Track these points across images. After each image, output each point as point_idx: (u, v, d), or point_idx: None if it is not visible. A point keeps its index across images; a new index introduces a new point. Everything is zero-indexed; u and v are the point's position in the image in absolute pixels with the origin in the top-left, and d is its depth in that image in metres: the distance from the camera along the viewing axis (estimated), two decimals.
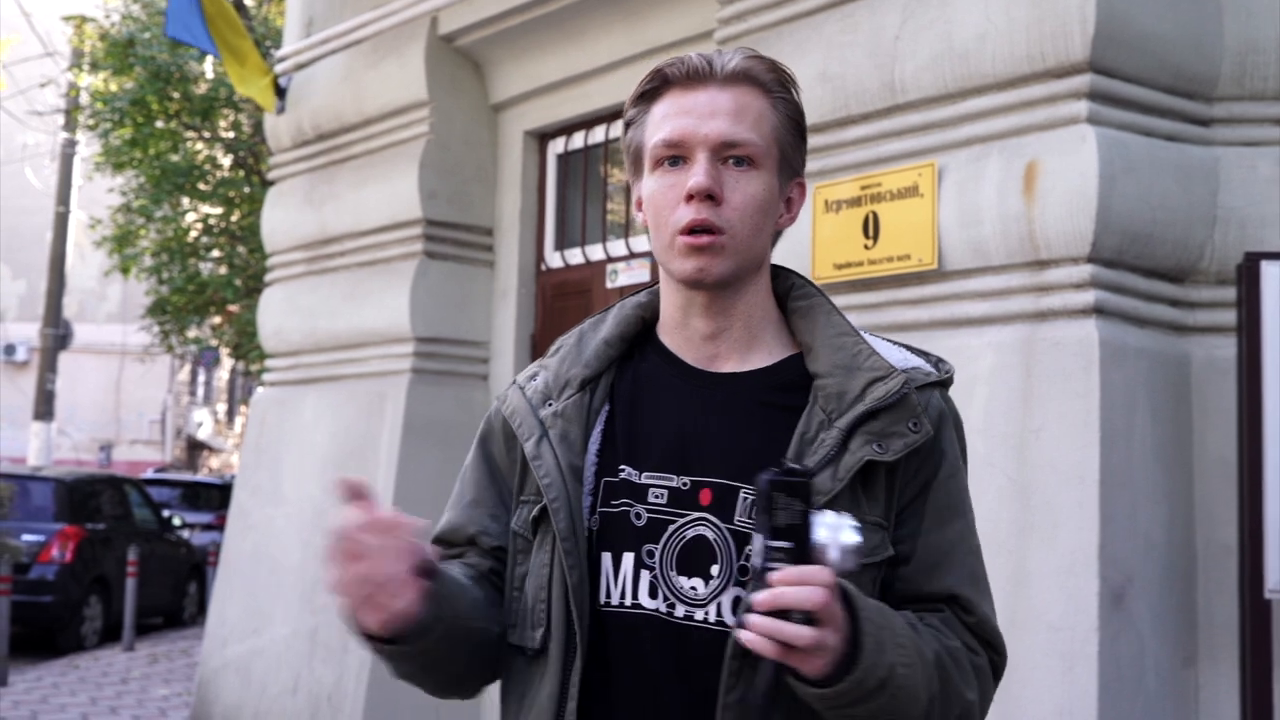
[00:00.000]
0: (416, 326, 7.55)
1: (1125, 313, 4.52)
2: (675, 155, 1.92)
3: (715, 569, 1.86)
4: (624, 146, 2.03)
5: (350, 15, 8.31)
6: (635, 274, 7.09)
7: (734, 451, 1.90)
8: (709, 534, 1.88)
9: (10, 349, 35.09)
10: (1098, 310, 4.45)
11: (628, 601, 1.89)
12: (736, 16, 5.82)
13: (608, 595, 1.90)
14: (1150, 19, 4.61)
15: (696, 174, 1.88)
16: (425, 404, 7.54)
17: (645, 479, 1.92)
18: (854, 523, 1.72)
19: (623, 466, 1.94)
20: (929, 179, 4.95)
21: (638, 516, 1.90)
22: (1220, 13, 4.73)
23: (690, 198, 1.88)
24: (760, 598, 1.66)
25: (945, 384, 1.99)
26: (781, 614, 1.66)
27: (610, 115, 7.33)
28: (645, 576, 1.87)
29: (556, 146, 7.76)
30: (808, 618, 1.66)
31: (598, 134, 7.49)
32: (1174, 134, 4.69)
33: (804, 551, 1.69)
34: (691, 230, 1.89)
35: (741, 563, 1.83)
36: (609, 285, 7.23)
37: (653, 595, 1.88)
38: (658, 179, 1.94)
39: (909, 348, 2.02)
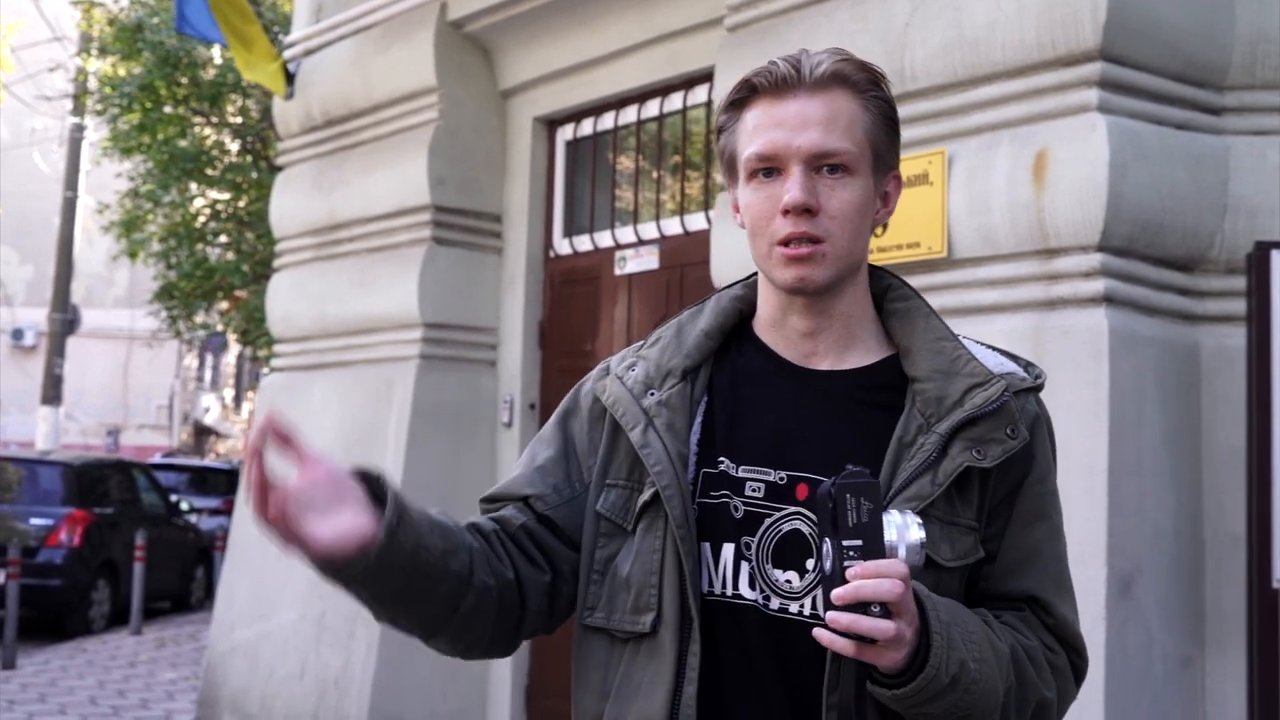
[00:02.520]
0: (425, 312, 7.55)
1: (1135, 301, 4.52)
2: (769, 167, 1.92)
3: (810, 563, 1.88)
4: (718, 152, 2.03)
5: (359, 1, 8.30)
6: (644, 261, 7.08)
7: (830, 448, 1.91)
8: (804, 528, 1.89)
9: (18, 334, 35.15)
10: (1107, 299, 4.45)
11: (729, 591, 1.91)
12: (747, 3, 5.81)
13: (709, 585, 1.92)
14: (1162, 7, 4.60)
15: (791, 189, 1.88)
16: (433, 390, 7.54)
17: (742, 472, 1.93)
18: (919, 520, 1.74)
19: (721, 458, 1.95)
20: (939, 167, 4.94)
21: (735, 509, 1.92)
22: (1232, 1, 4.72)
23: (787, 212, 1.89)
24: (841, 592, 1.67)
25: (1038, 389, 2.01)
26: (860, 610, 1.68)
27: (619, 101, 7.32)
28: (745, 568, 1.89)
29: (565, 133, 7.76)
30: (885, 611, 1.68)
31: (607, 120, 7.48)
32: (1184, 122, 4.68)
33: (875, 549, 1.71)
34: (789, 242, 1.90)
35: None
36: (617, 272, 7.23)
37: (751, 586, 1.90)
38: (753, 190, 1.94)
39: (1003, 352, 2.04)
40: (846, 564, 1.70)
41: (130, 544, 14.26)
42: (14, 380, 34.17)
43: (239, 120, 19.69)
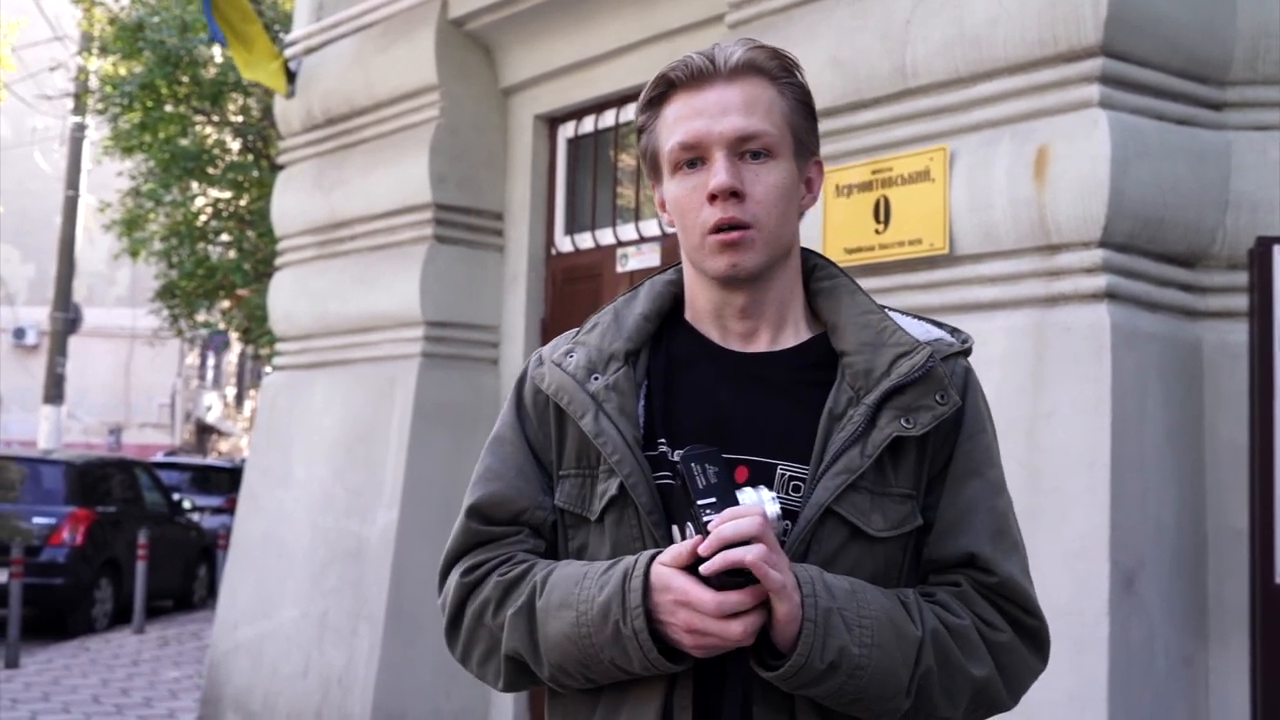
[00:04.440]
0: (426, 311, 7.55)
1: (1137, 297, 4.52)
2: (693, 157, 1.94)
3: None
4: (640, 153, 2.05)
5: None
6: (646, 258, 7.08)
7: (768, 429, 1.94)
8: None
9: (20, 332, 35.17)
10: (1109, 295, 4.45)
11: None
12: (746, 1, 5.81)
13: None
14: (1163, 3, 4.60)
15: (718, 173, 1.91)
16: (435, 388, 7.54)
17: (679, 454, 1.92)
18: (774, 495, 1.80)
19: (660, 440, 1.96)
20: (940, 163, 4.94)
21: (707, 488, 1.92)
22: None
23: (714, 198, 1.91)
24: (707, 542, 1.73)
25: (966, 353, 2.02)
26: (735, 580, 1.73)
27: (620, 99, 7.32)
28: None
29: (567, 131, 7.75)
30: (751, 578, 1.73)
31: (608, 118, 7.47)
32: (1186, 118, 4.68)
33: (730, 502, 1.76)
34: (719, 229, 1.92)
35: (781, 537, 1.83)
36: (619, 269, 7.23)
37: None
38: (679, 182, 1.96)
39: (931, 321, 2.06)
40: (706, 519, 1.75)
41: (133, 543, 14.28)
42: (16, 379, 34.20)
43: (240, 119, 19.70)
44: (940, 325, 2.05)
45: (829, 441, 1.90)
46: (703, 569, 1.73)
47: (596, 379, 1.99)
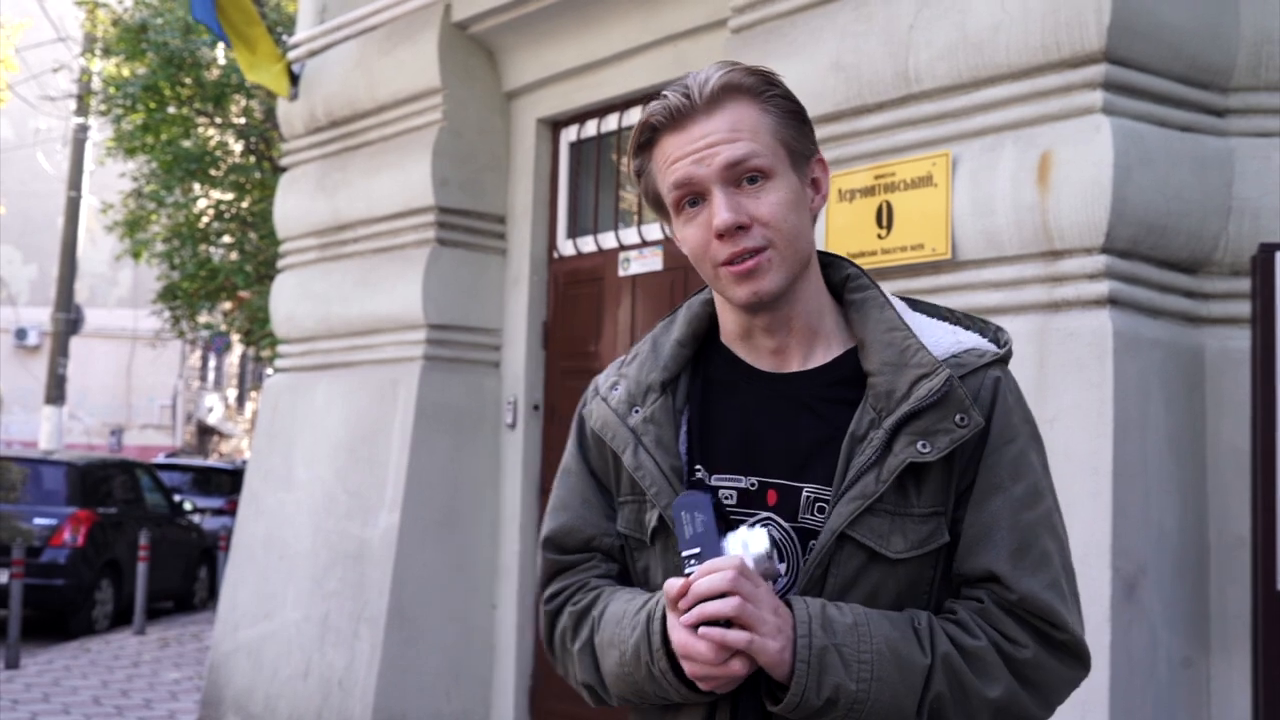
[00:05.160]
0: (429, 313, 7.55)
1: (1139, 303, 4.51)
2: (692, 195, 1.94)
3: (783, 567, 1.92)
4: (643, 196, 2.06)
5: (364, 2, 8.30)
6: (648, 262, 7.08)
7: (795, 451, 1.96)
8: (775, 533, 1.92)
9: (22, 333, 35.18)
10: (1112, 301, 4.44)
11: None
12: (750, 5, 5.81)
13: None
14: (1166, 9, 4.59)
15: (719, 212, 1.90)
16: (437, 390, 7.54)
17: (716, 480, 1.98)
18: (766, 530, 1.84)
19: (698, 467, 2.00)
20: (943, 169, 4.94)
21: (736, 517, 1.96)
22: (1236, 3, 4.71)
23: (720, 235, 1.91)
24: (685, 598, 1.80)
25: (1004, 359, 2.01)
26: (714, 623, 1.80)
27: (623, 103, 7.32)
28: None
29: (569, 134, 7.75)
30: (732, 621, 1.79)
31: (610, 122, 7.47)
32: (1189, 124, 4.68)
33: (712, 554, 1.82)
34: (731, 262, 1.92)
35: (774, 571, 1.88)
36: (621, 273, 7.23)
37: None
38: (685, 222, 1.97)
39: (968, 321, 2.06)
40: (688, 571, 1.83)
41: (134, 544, 14.28)
42: (18, 380, 34.19)
43: (243, 121, 19.71)
44: (976, 325, 2.05)
45: (850, 465, 1.91)
46: (682, 621, 1.80)
47: (637, 412, 2.04)
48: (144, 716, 9.32)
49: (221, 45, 17.23)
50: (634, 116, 7.29)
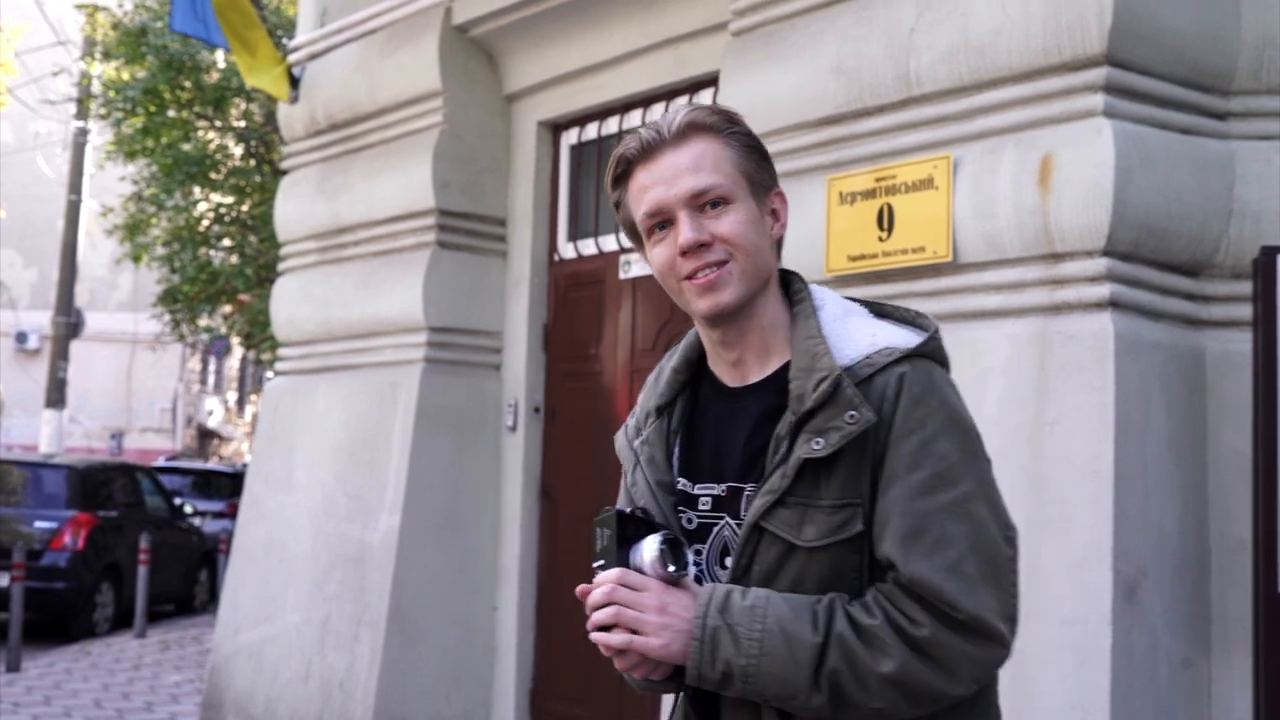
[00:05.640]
0: (429, 316, 7.54)
1: (1140, 306, 4.51)
2: (661, 221, 2.17)
3: (729, 560, 2.16)
4: (620, 224, 2.28)
5: (364, 5, 8.30)
6: (648, 266, 7.06)
7: (746, 458, 2.18)
8: (727, 532, 2.19)
9: (22, 337, 35.19)
10: (1113, 303, 4.44)
11: None
12: (751, 8, 5.81)
13: None
14: (1167, 12, 4.59)
15: (683, 231, 2.13)
16: (438, 393, 7.54)
17: (697, 489, 2.23)
18: (659, 538, 2.08)
19: (680, 479, 2.25)
20: (944, 171, 4.93)
21: (689, 521, 2.22)
22: (1238, 6, 4.71)
23: (685, 253, 2.14)
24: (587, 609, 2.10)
25: (920, 354, 2.13)
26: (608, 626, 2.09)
27: (624, 106, 7.32)
28: (692, 571, 2.13)
29: (570, 137, 7.75)
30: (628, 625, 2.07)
31: (611, 125, 7.47)
32: (1190, 127, 4.67)
33: (613, 564, 2.10)
34: (694, 275, 2.15)
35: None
36: (622, 276, 7.23)
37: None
38: (654, 245, 2.20)
39: (898, 319, 2.22)
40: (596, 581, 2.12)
41: (134, 547, 14.26)
42: (18, 383, 34.19)
43: (243, 124, 19.71)
44: (905, 322, 2.20)
45: (768, 464, 2.12)
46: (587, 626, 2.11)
47: (640, 434, 2.31)
48: (145, 719, 9.31)
49: (221, 49, 17.24)
50: (635, 119, 7.29)
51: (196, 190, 19.78)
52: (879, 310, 2.22)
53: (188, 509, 17.73)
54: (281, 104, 8.91)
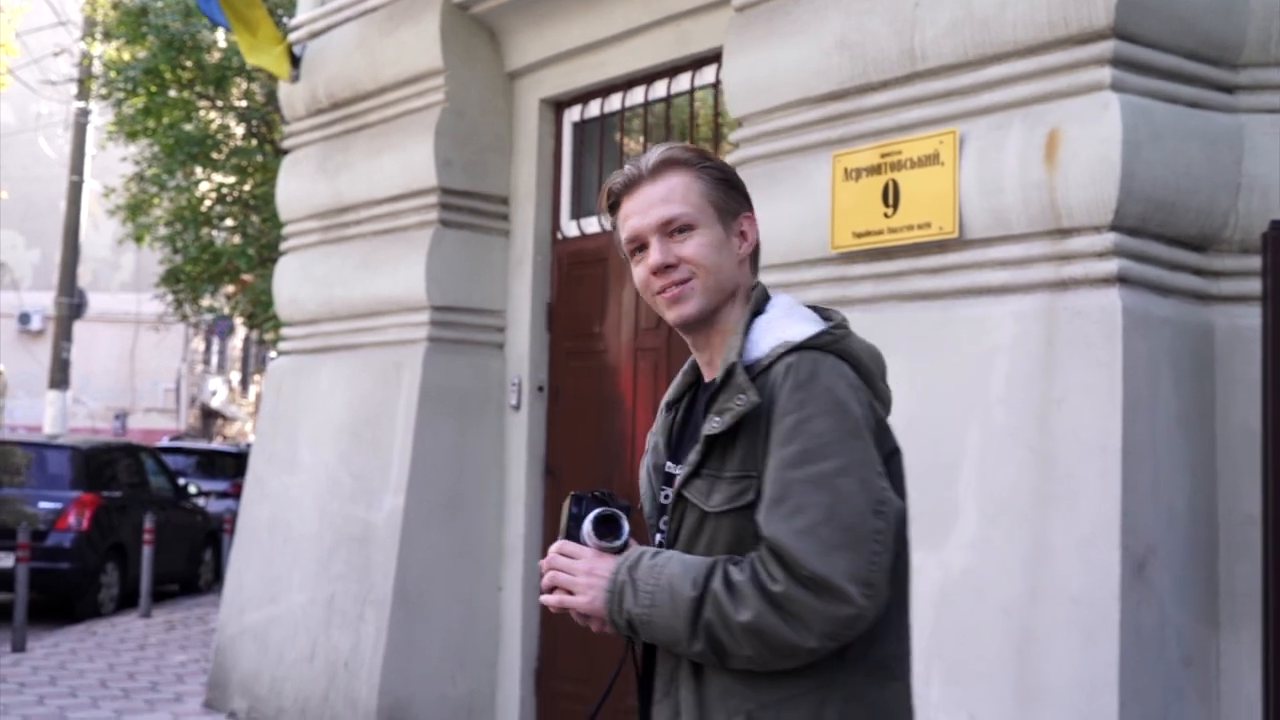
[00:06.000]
0: (432, 295, 7.51)
1: (1148, 281, 4.47)
2: (638, 245, 2.53)
3: (625, 540, 2.51)
4: (616, 247, 2.62)
5: None
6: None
7: (694, 443, 2.50)
8: (606, 513, 2.54)
9: (25, 318, 35.15)
10: (1121, 279, 4.40)
11: None
12: None
13: None
14: None
15: (653, 254, 2.49)
16: (441, 372, 7.50)
17: (674, 469, 2.55)
18: (593, 515, 2.47)
19: (669, 463, 2.59)
20: (950, 147, 4.89)
21: (666, 497, 2.55)
22: None
23: (655, 272, 2.49)
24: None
25: (809, 348, 2.38)
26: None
27: (626, 83, 7.27)
28: (658, 538, 2.56)
29: (572, 114, 7.70)
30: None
31: (614, 102, 7.42)
32: (1198, 101, 4.62)
33: (564, 539, 2.50)
34: (662, 291, 2.50)
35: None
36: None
37: None
38: (635, 266, 2.54)
39: (817, 315, 2.49)
40: None
41: (139, 527, 14.25)
42: (21, 364, 34.18)
43: (244, 104, 19.65)
44: (819, 321, 2.46)
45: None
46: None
47: (655, 429, 2.68)
48: (151, 699, 9.30)
49: (222, 28, 17.18)
50: (637, 96, 7.25)
51: (198, 170, 19.73)
52: (821, 314, 2.50)
53: (192, 489, 17.73)
54: (283, 83, 8.87)
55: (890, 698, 2.38)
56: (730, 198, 2.52)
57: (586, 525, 2.47)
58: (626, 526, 2.47)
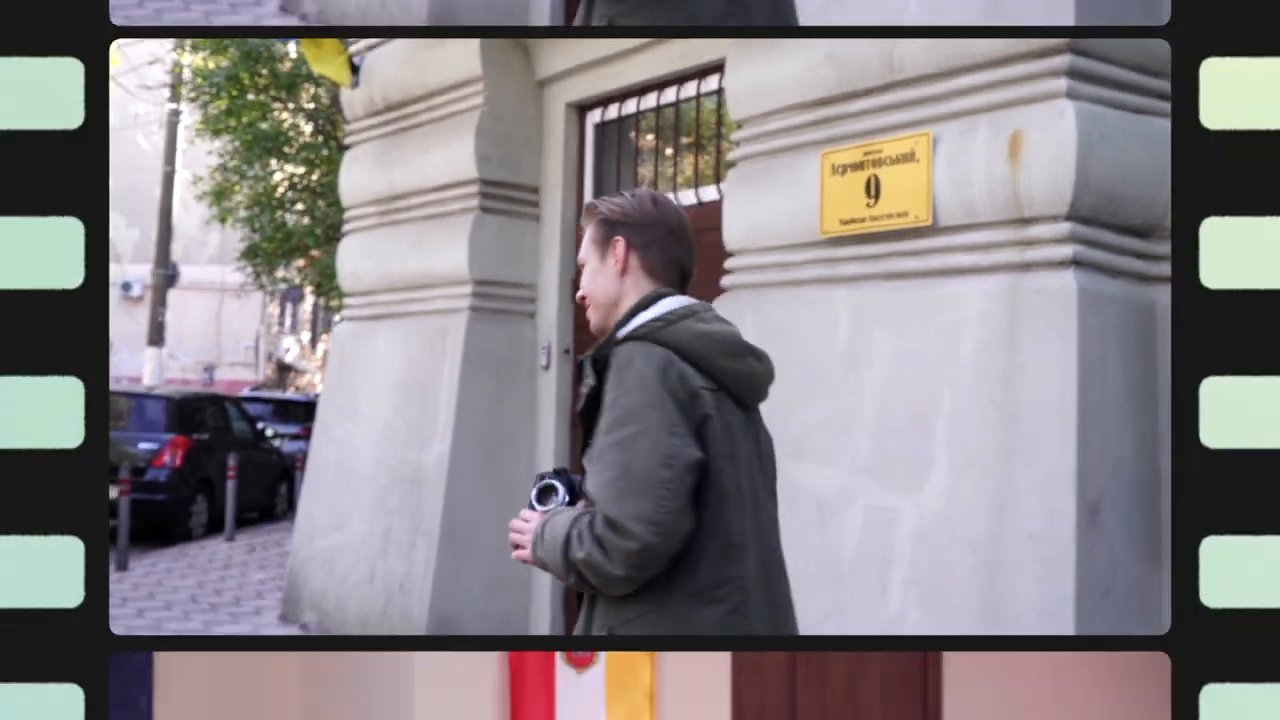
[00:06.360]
0: (474, 271, 7.38)
1: (1099, 264, 4.34)
2: None
3: (559, 501, 2.63)
4: None
5: None
6: None
7: None
8: (553, 483, 2.67)
9: (127, 286, 35.04)
10: (1075, 262, 4.28)
11: None
12: None
13: None
14: (1122, 7, 4.39)
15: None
16: (481, 338, 7.38)
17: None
18: (538, 486, 2.60)
19: None
20: (924, 146, 4.75)
21: None
22: None
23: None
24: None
25: (632, 339, 2.48)
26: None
27: (640, 89, 7.10)
28: (555, 504, 2.66)
29: (594, 117, 7.55)
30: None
31: (630, 106, 7.26)
32: (1143, 108, 4.49)
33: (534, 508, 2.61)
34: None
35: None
36: None
37: None
38: None
39: (679, 309, 2.53)
40: None
41: (224, 464, 14.14)
42: (124, 326, 34.01)
43: (312, 106, 19.45)
44: (678, 314, 2.52)
45: None
46: None
47: None
48: (234, 612, 9.21)
49: (292, 42, 16.99)
50: (650, 101, 7.10)
51: (273, 162, 19.54)
52: (684, 309, 2.53)
53: (269, 432, 17.62)
54: (344, 89, 8.70)
55: (709, 618, 2.42)
56: (605, 231, 2.61)
57: (531, 495, 2.61)
58: (562, 493, 2.58)
